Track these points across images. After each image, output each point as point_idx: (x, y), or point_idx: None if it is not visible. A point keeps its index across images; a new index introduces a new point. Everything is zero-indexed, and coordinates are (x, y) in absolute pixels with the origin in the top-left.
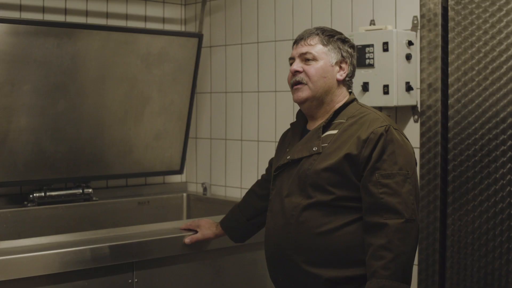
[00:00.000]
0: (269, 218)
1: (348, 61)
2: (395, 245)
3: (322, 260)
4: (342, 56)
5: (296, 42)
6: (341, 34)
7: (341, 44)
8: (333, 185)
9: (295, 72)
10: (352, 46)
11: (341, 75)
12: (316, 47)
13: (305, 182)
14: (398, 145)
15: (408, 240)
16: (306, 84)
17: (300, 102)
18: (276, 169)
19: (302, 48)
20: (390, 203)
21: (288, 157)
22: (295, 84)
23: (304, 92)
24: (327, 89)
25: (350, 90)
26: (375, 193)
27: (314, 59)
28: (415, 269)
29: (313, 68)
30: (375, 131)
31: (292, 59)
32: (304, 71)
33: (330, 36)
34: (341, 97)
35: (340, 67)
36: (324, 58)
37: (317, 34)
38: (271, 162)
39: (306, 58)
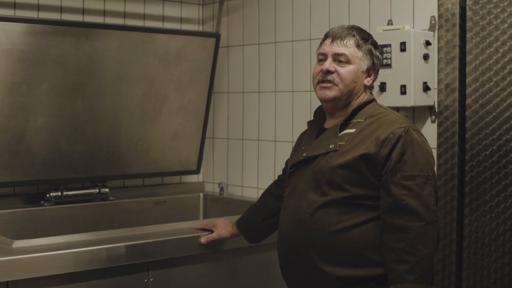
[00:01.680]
0: (283, 215)
1: (377, 68)
2: (418, 249)
3: (335, 258)
4: (373, 62)
5: (332, 38)
6: (372, 37)
7: (374, 49)
8: (349, 182)
9: (327, 72)
10: (382, 52)
11: (368, 81)
12: (351, 49)
13: (321, 179)
14: (418, 146)
15: (430, 242)
16: (336, 85)
17: (326, 101)
18: (292, 166)
19: (338, 48)
20: (412, 206)
21: (304, 154)
22: (323, 81)
23: (332, 92)
24: (354, 92)
25: (370, 92)
26: (396, 195)
27: (348, 61)
28: None
29: (346, 71)
30: (394, 131)
31: (323, 55)
32: (336, 71)
33: (365, 39)
34: (363, 99)
35: (368, 74)
36: (357, 63)
37: (353, 36)
38: (287, 162)
39: (339, 59)
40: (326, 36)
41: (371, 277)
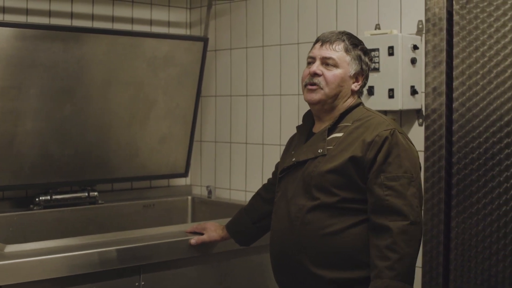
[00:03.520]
0: (274, 220)
1: (365, 74)
2: (400, 246)
3: (327, 261)
4: (361, 68)
5: (321, 42)
6: (363, 44)
7: (363, 55)
8: (338, 187)
9: (314, 74)
10: (371, 59)
11: (355, 87)
12: (339, 53)
13: (310, 183)
14: (403, 149)
15: (413, 242)
16: (322, 88)
17: (312, 103)
18: (282, 171)
19: (326, 52)
20: (395, 205)
21: (294, 159)
22: (309, 84)
23: (317, 95)
24: (340, 96)
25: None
26: (380, 195)
27: (335, 65)
28: (419, 271)
29: (332, 75)
30: (380, 134)
31: (312, 58)
32: (323, 74)
33: (355, 45)
34: (351, 103)
35: (356, 79)
36: (345, 67)
37: (343, 41)
38: (277, 166)
39: (327, 63)
40: (317, 41)
41: (362, 279)
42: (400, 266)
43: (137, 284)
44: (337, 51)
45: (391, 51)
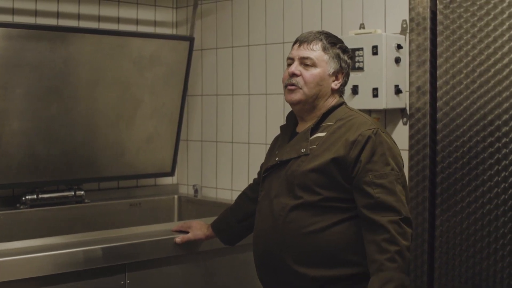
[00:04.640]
0: (257, 219)
1: (345, 72)
2: (398, 239)
3: (310, 259)
4: (340, 66)
5: (299, 43)
6: (342, 42)
7: (342, 53)
8: (320, 186)
9: (293, 75)
10: (351, 57)
11: (335, 85)
12: (317, 53)
13: (293, 182)
14: (387, 147)
15: (407, 235)
16: (301, 88)
17: (292, 104)
18: (265, 171)
19: (304, 52)
20: (387, 202)
21: (277, 159)
22: (289, 85)
23: (297, 95)
24: (320, 95)
25: (340, 95)
26: (371, 193)
27: (313, 65)
28: None
29: (310, 74)
30: (363, 133)
31: (291, 59)
32: (301, 75)
33: (333, 44)
34: (332, 102)
35: (336, 77)
36: (323, 66)
37: (321, 40)
38: (262, 166)
39: (305, 63)
40: (295, 41)
41: (345, 277)
42: (400, 258)
43: (122, 282)
44: (314, 51)
45: (375, 50)
